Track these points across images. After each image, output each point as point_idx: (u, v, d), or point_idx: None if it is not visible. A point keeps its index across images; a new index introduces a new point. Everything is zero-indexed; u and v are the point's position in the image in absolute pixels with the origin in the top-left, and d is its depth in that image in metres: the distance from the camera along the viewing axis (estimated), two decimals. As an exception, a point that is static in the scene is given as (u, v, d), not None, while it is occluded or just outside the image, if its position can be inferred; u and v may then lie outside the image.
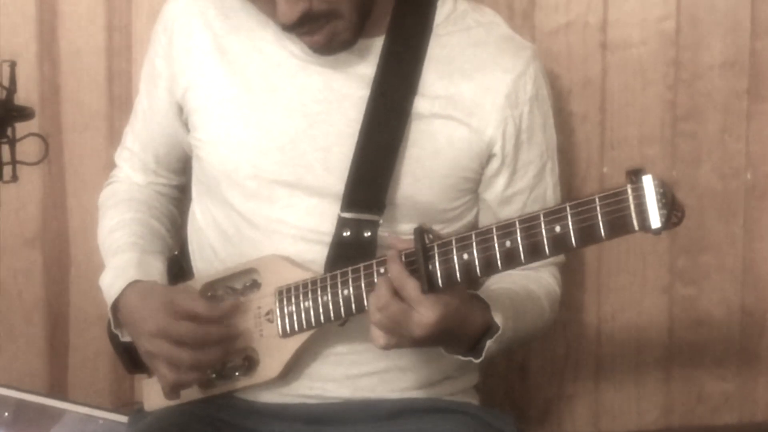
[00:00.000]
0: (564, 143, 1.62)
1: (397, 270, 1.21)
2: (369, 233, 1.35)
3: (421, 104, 1.39)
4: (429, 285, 1.19)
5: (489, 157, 1.43)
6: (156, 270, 1.44)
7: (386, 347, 1.23)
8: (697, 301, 1.83)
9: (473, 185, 1.46)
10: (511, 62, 1.43)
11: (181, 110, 1.48)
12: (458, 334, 1.26)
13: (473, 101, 1.40)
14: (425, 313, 1.18)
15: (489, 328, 1.28)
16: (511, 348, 1.39)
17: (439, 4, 1.44)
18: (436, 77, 1.40)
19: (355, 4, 1.32)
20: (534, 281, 1.48)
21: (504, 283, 1.42)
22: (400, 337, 1.21)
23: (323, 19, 1.31)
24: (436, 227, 1.26)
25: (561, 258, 1.53)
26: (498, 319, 1.28)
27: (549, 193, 1.50)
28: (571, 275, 1.77)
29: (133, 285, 1.39)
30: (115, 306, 1.41)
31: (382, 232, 1.36)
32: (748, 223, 1.81)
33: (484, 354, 1.28)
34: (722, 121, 1.77)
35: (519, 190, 1.47)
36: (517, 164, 1.45)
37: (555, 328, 1.62)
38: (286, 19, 1.28)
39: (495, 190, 1.46)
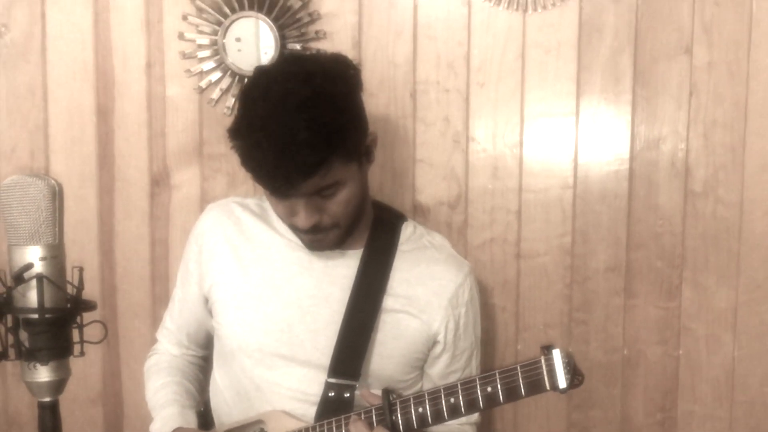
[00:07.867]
0: (488, 327, 1.75)
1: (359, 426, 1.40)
2: (348, 394, 1.50)
3: (388, 301, 1.54)
4: (393, 431, 1.36)
5: (434, 343, 1.58)
6: (192, 420, 1.58)
7: None
8: (587, 445, 1.94)
9: (422, 363, 1.60)
10: (454, 275, 1.58)
11: (206, 301, 1.64)
12: None
13: (425, 301, 1.55)
14: None
15: None
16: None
17: (402, 228, 1.63)
18: (399, 281, 1.55)
19: (349, 222, 1.50)
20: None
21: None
22: None
23: (327, 228, 1.48)
24: (393, 393, 1.42)
25: (476, 418, 1.66)
26: None
27: (474, 372, 1.65)
28: (493, 427, 1.92)
29: (175, 431, 1.54)
30: None
31: (358, 393, 1.50)
32: (625, 387, 1.92)
33: None
34: (605, 311, 1.91)
35: (455, 369, 1.62)
36: (455, 350, 1.60)
37: (482, 467, 1.69)
38: (302, 225, 1.45)
39: (438, 367, 1.60)
